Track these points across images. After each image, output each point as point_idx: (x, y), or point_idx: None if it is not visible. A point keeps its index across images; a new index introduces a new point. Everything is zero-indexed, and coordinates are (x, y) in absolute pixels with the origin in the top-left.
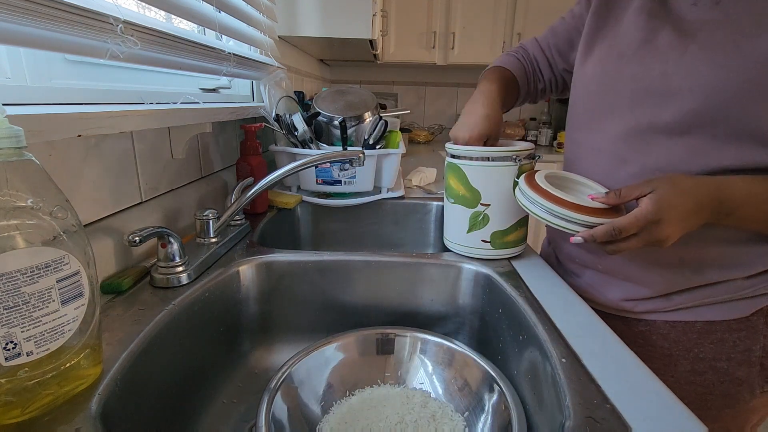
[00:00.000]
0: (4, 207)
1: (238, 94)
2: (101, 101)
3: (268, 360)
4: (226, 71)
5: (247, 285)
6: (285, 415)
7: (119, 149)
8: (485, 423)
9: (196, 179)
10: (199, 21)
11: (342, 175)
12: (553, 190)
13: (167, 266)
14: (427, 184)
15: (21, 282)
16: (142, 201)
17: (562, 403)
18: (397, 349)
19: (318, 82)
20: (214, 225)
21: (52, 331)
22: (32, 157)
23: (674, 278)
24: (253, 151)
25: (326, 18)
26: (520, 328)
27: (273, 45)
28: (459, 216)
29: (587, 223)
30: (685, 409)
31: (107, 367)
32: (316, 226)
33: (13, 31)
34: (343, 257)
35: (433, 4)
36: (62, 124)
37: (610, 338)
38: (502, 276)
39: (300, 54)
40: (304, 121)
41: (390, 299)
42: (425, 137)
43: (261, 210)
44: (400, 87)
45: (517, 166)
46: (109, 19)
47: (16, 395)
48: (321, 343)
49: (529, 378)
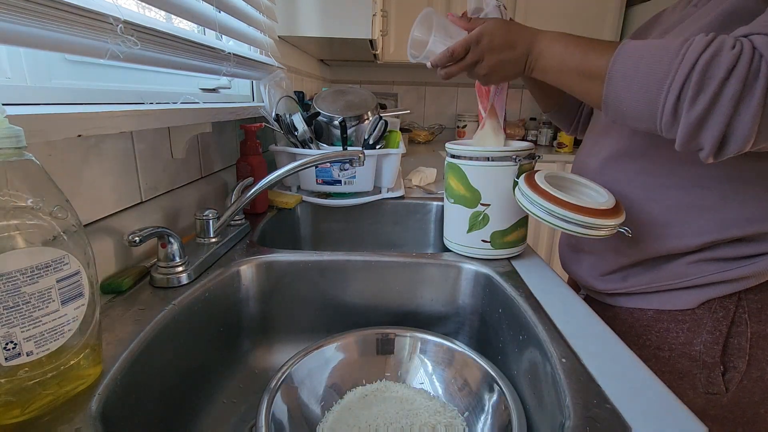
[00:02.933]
0: (4, 207)
1: (238, 94)
2: (101, 101)
3: (268, 360)
4: (226, 71)
5: (247, 285)
6: (285, 415)
7: (119, 149)
8: (485, 423)
9: (196, 179)
10: (199, 21)
11: (342, 175)
12: (552, 190)
13: (167, 266)
14: (427, 184)
15: (21, 282)
16: (142, 201)
17: (562, 403)
18: (397, 349)
19: (318, 82)
20: (214, 225)
21: (52, 331)
22: (32, 157)
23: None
24: (253, 151)
25: (326, 18)
26: (520, 328)
27: (273, 45)
28: (459, 216)
29: (587, 223)
30: (685, 409)
31: (107, 367)
32: (316, 226)
33: (13, 31)
34: (343, 257)
35: (433, 5)
36: (62, 124)
37: (610, 338)
38: (502, 276)
39: (300, 54)
40: (304, 121)
41: (390, 299)
42: (425, 137)
43: (261, 210)
44: (400, 87)
45: (517, 166)
46: (109, 19)
47: (16, 395)
48: (321, 343)
49: (529, 378)
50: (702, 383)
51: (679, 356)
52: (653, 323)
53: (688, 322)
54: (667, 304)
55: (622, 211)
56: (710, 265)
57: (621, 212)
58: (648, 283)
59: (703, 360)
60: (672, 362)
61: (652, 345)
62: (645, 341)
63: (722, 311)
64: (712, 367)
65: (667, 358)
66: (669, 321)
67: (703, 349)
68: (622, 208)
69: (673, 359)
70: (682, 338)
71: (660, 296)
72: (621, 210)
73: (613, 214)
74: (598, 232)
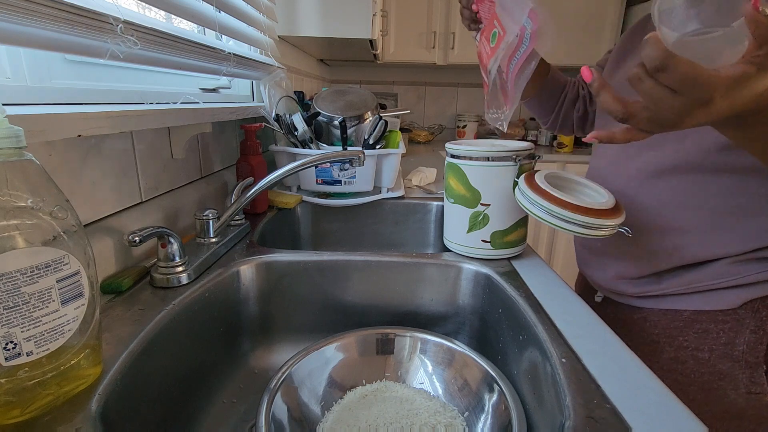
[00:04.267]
0: (4, 207)
1: (238, 94)
2: (101, 101)
3: (268, 360)
4: (226, 71)
5: (247, 285)
6: (285, 415)
7: (119, 149)
8: (485, 423)
9: (196, 179)
10: (199, 21)
11: (342, 175)
12: (552, 190)
13: (167, 266)
14: (427, 184)
15: (21, 282)
16: (142, 201)
17: (562, 403)
18: (397, 349)
19: (318, 82)
20: (214, 225)
21: (52, 331)
22: (32, 157)
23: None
24: (253, 151)
25: (326, 18)
26: (520, 328)
27: (273, 45)
28: (459, 216)
29: (587, 223)
30: (685, 409)
31: (107, 367)
32: (316, 226)
33: (13, 31)
34: (343, 257)
35: (433, 4)
36: (62, 124)
37: (610, 338)
38: (502, 276)
39: (300, 54)
40: (304, 121)
41: (390, 299)
42: (425, 137)
43: (261, 210)
44: (400, 87)
45: (517, 166)
46: (109, 19)
47: (16, 395)
48: (321, 343)
49: (529, 378)
50: (744, 383)
51: (721, 357)
52: (691, 324)
53: (730, 322)
54: (708, 304)
55: (622, 211)
56: (754, 265)
57: (621, 212)
58: (686, 284)
59: (746, 359)
60: (712, 363)
61: (690, 346)
62: (682, 342)
63: (765, 310)
64: (755, 367)
65: (707, 359)
66: (708, 322)
67: (746, 349)
68: (621, 208)
69: (713, 360)
70: (723, 338)
71: (700, 297)
72: (621, 210)
73: (613, 214)
74: (598, 232)
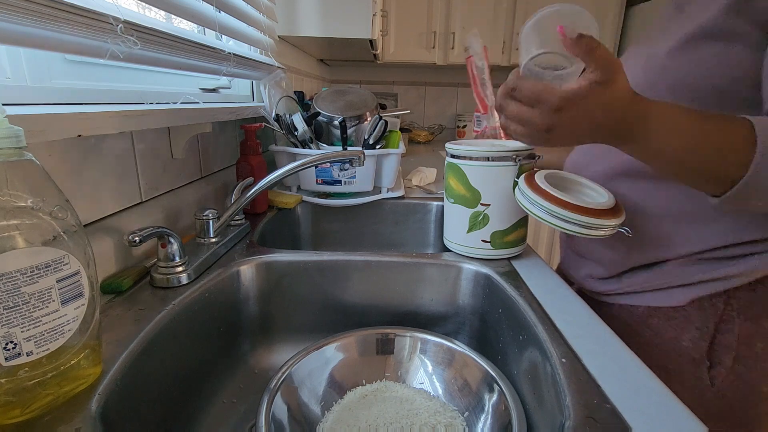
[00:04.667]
0: (4, 207)
1: (237, 94)
2: (101, 101)
3: (268, 360)
4: (226, 71)
5: (247, 285)
6: (285, 415)
7: (119, 149)
8: (485, 423)
9: (196, 179)
10: (199, 21)
11: (342, 175)
12: (552, 190)
13: (167, 266)
14: (427, 184)
15: (21, 282)
16: (142, 201)
17: (562, 403)
18: (397, 349)
19: (318, 82)
20: (214, 225)
21: (52, 331)
22: (32, 157)
23: (623, 256)
24: (253, 151)
25: (326, 18)
26: (520, 328)
27: (273, 45)
28: (459, 216)
29: (587, 223)
30: (685, 409)
31: (107, 367)
32: (316, 226)
33: (13, 31)
34: (343, 257)
35: (433, 4)
36: (62, 124)
37: (610, 338)
38: (502, 276)
39: (300, 54)
40: (304, 121)
41: (390, 299)
42: (425, 137)
43: (261, 210)
44: (400, 87)
45: (517, 166)
46: (109, 19)
47: (16, 395)
48: (321, 343)
49: (529, 378)
50: (689, 379)
51: (669, 351)
52: (646, 319)
53: (678, 319)
54: (659, 301)
55: (622, 211)
56: (701, 265)
57: (621, 212)
58: (642, 283)
59: (691, 355)
60: (662, 357)
61: (644, 341)
62: (639, 338)
63: (711, 308)
64: (698, 363)
65: (658, 353)
66: (660, 317)
67: (690, 345)
68: (622, 208)
69: (663, 354)
70: (671, 334)
71: (653, 294)
72: (621, 210)
73: (613, 214)
74: (597, 232)
